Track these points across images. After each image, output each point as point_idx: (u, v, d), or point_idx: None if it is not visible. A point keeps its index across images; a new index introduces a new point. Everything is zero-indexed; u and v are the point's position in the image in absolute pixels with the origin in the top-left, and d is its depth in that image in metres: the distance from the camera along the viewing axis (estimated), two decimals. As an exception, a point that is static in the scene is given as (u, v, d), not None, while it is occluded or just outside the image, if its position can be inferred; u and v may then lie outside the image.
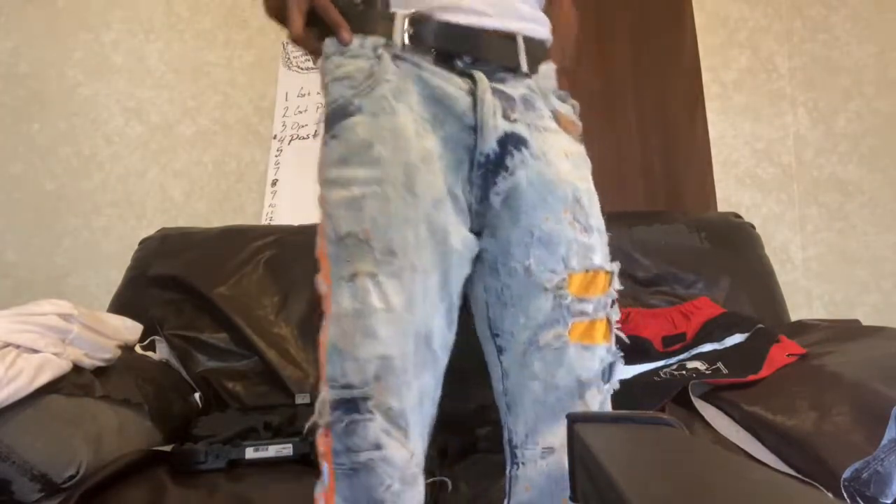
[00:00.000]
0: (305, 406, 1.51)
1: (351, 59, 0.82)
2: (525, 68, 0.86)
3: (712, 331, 1.50)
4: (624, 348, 1.51)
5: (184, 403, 1.48)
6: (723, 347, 1.45)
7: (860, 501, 0.96)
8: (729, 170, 2.22)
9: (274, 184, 2.20)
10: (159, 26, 2.32)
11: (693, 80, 2.17)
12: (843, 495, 0.96)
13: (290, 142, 2.23)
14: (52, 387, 1.08)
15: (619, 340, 0.89)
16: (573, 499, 0.54)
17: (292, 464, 1.23)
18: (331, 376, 0.77)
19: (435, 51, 0.82)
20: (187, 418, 1.42)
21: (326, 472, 0.77)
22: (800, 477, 1.03)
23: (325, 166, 0.81)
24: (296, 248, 1.80)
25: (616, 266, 0.88)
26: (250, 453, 1.24)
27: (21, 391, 1.02)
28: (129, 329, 1.44)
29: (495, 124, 0.81)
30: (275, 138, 2.25)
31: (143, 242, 1.89)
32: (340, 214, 0.79)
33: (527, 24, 0.88)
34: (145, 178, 2.27)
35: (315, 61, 0.86)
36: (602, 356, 0.84)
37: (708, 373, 1.36)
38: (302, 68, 2.30)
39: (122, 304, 1.71)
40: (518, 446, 0.85)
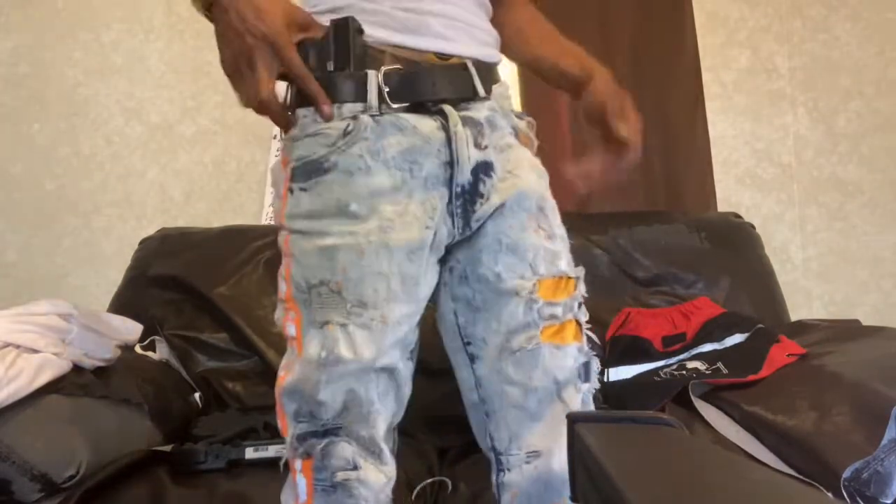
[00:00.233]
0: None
1: (325, 123, 0.81)
2: (482, 93, 0.87)
3: (712, 331, 1.50)
4: (624, 348, 1.52)
5: (184, 403, 1.48)
6: (723, 347, 1.45)
7: (860, 501, 0.96)
8: (729, 170, 2.22)
9: (273, 184, 2.20)
10: (159, 26, 2.32)
11: (693, 80, 2.17)
12: (843, 495, 0.96)
13: (290, 142, 2.23)
14: (52, 387, 1.08)
15: (617, 341, 0.90)
16: (573, 499, 0.54)
17: (292, 464, 1.23)
18: (297, 414, 0.79)
19: (407, 104, 0.82)
20: (187, 418, 1.42)
21: (304, 485, 0.79)
22: (800, 477, 1.03)
23: (294, 217, 0.81)
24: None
25: (581, 271, 0.89)
26: (250, 453, 1.24)
27: (21, 391, 1.02)
28: (129, 329, 1.44)
29: (469, 155, 0.83)
30: (275, 138, 2.24)
31: (143, 242, 1.89)
32: (312, 263, 0.79)
33: (484, 49, 0.90)
34: (145, 178, 2.27)
35: (284, 131, 0.83)
36: (574, 355, 0.86)
37: (708, 373, 1.36)
38: (302, 68, 2.30)
39: (122, 304, 1.71)
40: (502, 453, 0.86)
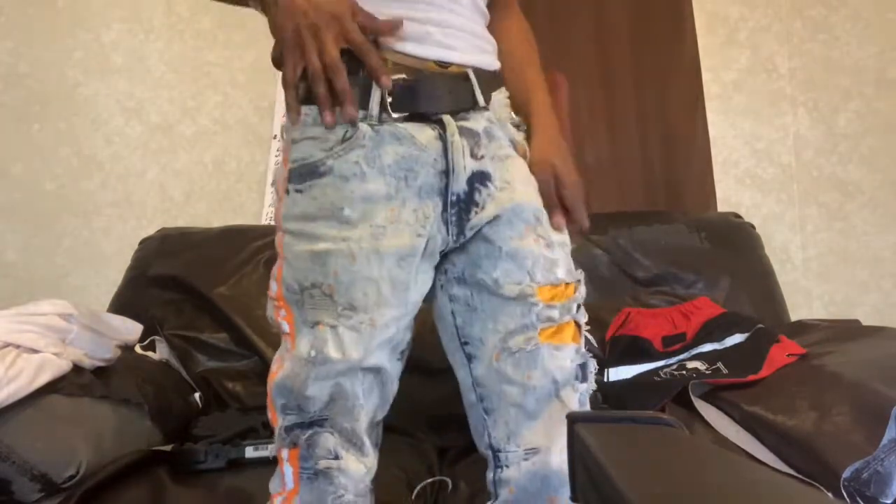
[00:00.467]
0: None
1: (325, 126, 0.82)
2: (482, 103, 0.89)
3: (712, 331, 1.50)
4: (624, 348, 1.52)
5: (184, 403, 1.48)
6: (723, 347, 1.45)
7: (860, 501, 0.96)
8: (729, 170, 2.22)
9: (274, 184, 2.20)
10: (159, 26, 2.32)
11: (693, 80, 2.17)
12: (843, 495, 0.96)
13: (290, 142, 2.23)
14: (52, 387, 1.08)
15: (617, 341, 0.91)
16: (573, 498, 0.54)
17: (292, 464, 1.23)
18: (286, 407, 0.82)
19: (407, 114, 0.83)
20: (187, 418, 1.42)
21: (291, 473, 0.82)
22: (800, 477, 1.03)
23: (289, 218, 0.83)
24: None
25: (580, 275, 0.90)
26: (250, 453, 1.24)
27: (21, 391, 1.02)
28: (129, 329, 1.44)
29: (464, 164, 0.84)
30: (275, 138, 2.24)
31: (143, 242, 1.89)
32: (304, 266, 0.81)
33: (484, 57, 0.91)
34: (145, 178, 2.27)
35: (294, 118, 0.83)
36: (572, 356, 0.87)
37: (708, 373, 1.36)
38: (302, 68, 2.30)
39: (122, 304, 1.71)
40: (500, 450, 0.87)
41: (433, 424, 1.46)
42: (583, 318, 0.89)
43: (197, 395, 1.57)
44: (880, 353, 1.24)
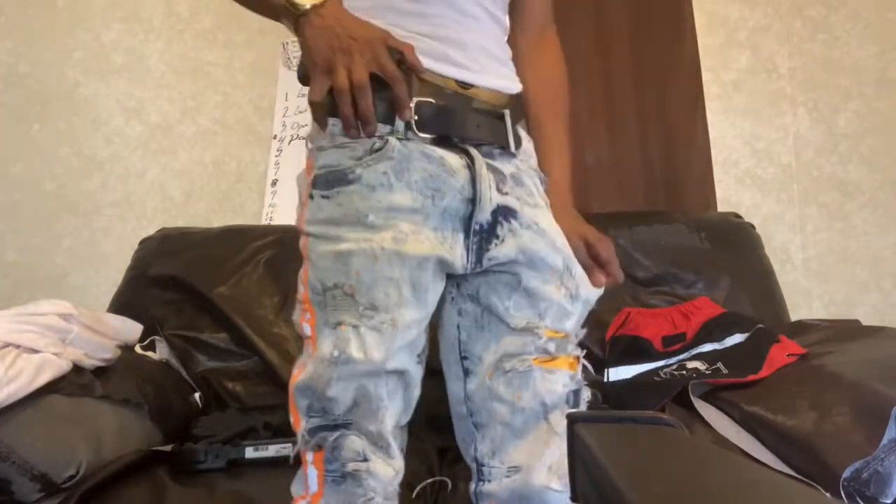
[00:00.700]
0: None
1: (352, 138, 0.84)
2: (512, 148, 0.91)
3: (712, 331, 1.50)
4: (624, 348, 1.52)
5: (184, 403, 1.48)
6: (723, 347, 1.45)
7: (860, 501, 0.96)
8: (729, 170, 2.22)
9: (274, 184, 2.20)
10: (159, 26, 2.32)
11: (693, 80, 2.17)
12: (843, 495, 0.96)
13: (290, 142, 2.23)
14: (52, 387, 1.08)
15: (617, 341, 0.92)
16: (573, 499, 0.54)
17: (292, 463, 1.23)
18: (310, 409, 0.82)
19: (435, 136, 0.85)
20: (187, 418, 1.42)
21: (315, 476, 0.82)
22: (800, 477, 1.03)
23: (313, 221, 0.85)
24: (296, 249, 1.78)
25: (583, 332, 0.93)
26: (250, 453, 1.24)
27: (21, 391, 1.02)
28: (129, 329, 1.44)
29: (490, 196, 0.86)
30: (275, 138, 2.25)
31: (143, 242, 1.89)
32: (327, 266, 0.82)
33: (502, 81, 0.92)
34: (145, 178, 2.27)
35: (322, 126, 0.85)
36: (565, 381, 0.89)
37: (708, 373, 1.36)
38: (302, 68, 2.30)
39: (122, 304, 1.71)
40: (484, 464, 0.89)
41: (433, 424, 1.46)
42: (577, 351, 0.92)
43: (197, 395, 1.57)
44: (880, 353, 1.24)
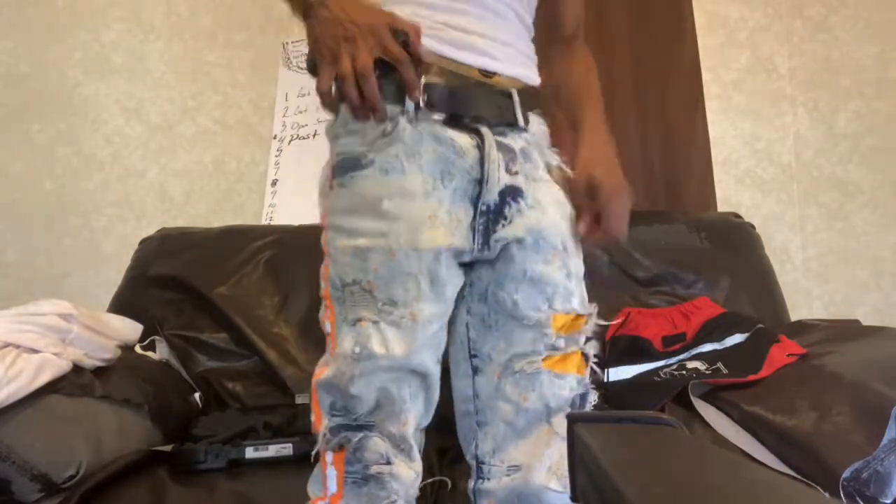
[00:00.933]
0: (305, 406, 1.51)
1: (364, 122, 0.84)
2: (522, 123, 0.90)
3: (712, 331, 1.50)
4: (624, 348, 1.52)
5: (184, 403, 1.48)
6: (723, 347, 1.45)
7: (860, 501, 0.96)
8: (729, 170, 2.22)
9: (274, 184, 2.20)
10: (159, 26, 2.32)
11: (693, 80, 2.17)
12: (843, 495, 0.96)
13: (290, 142, 2.23)
14: (52, 387, 1.08)
15: (617, 341, 0.92)
16: (573, 499, 0.54)
17: (292, 463, 1.24)
18: (332, 407, 0.83)
19: (445, 115, 0.85)
20: (187, 418, 1.42)
21: (334, 477, 0.82)
22: (800, 477, 1.03)
23: (332, 212, 0.85)
24: (296, 248, 1.80)
25: (594, 308, 0.92)
26: (250, 453, 1.24)
27: (21, 391, 1.02)
28: (129, 329, 1.44)
29: (499, 177, 0.86)
30: (275, 138, 2.25)
31: (143, 242, 1.89)
32: (346, 262, 0.83)
33: (524, 70, 0.93)
34: (145, 178, 2.27)
35: (335, 112, 0.86)
36: (573, 386, 0.89)
37: (708, 373, 1.36)
38: (302, 68, 2.30)
39: (122, 304, 1.71)
40: (484, 462, 0.90)
41: (433, 424, 1.46)
42: (591, 350, 0.91)
43: (197, 395, 1.57)
44: (880, 353, 1.24)
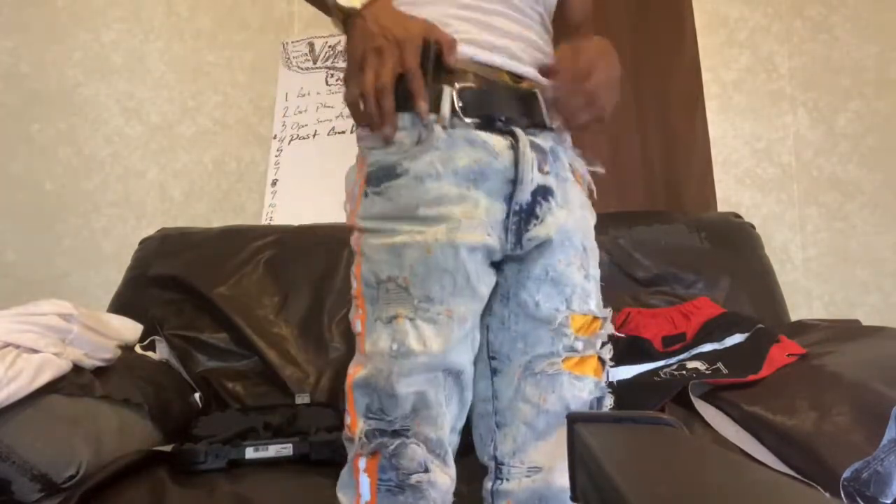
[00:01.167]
0: (305, 406, 1.51)
1: (401, 129, 0.84)
2: (549, 123, 0.91)
3: (712, 331, 1.50)
4: (624, 348, 1.52)
5: (184, 403, 1.48)
6: (723, 347, 1.45)
7: (860, 501, 0.96)
8: (729, 170, 2.22)
9: (274, 184, 2.20)
10: (159, 26, 2.32)
11: (693, 80, 2.17)
12: (843, 495, 0.96)
13: (290, 142, 2.23)
14: (52, 387, 1.08)
15: (616, 341, 0.92)
16: (573, 499, 0.54)
17: (292, 464, 1.23)
18: (368, 409, 0.82)
19: (479, 120, 0.85)
20: (187, 418, 1.42)
21: (367, 484, 0.81)
22: (800, 477, 1.03)
23: (366, 217, 0.85)
24: (296, 248, 1.80)
25: (608, 312, 0.92)
26: (250, 453, 1.24)
27: (21, 391, 1.02)
28: (129, 329, 1.44)
29: (532, 177, 0.86)
30: (275, 138, 2.25)
31: (143, 242, 1.89)
32: (381, 259, 0.83)
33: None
34: (145, 178, 2.27)
35: (359, 123, 0.86)
36: (591, 389, 0.89)
37: (708, 373, 1.36)
38: (302, 68, 2.30)
39: (122, 304, 1.71)
40: (504, 463, 0.89)
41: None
42: (607, 354, 0.91)
43: (197, 395, 1.57)
44: (880, 353, 1.24)
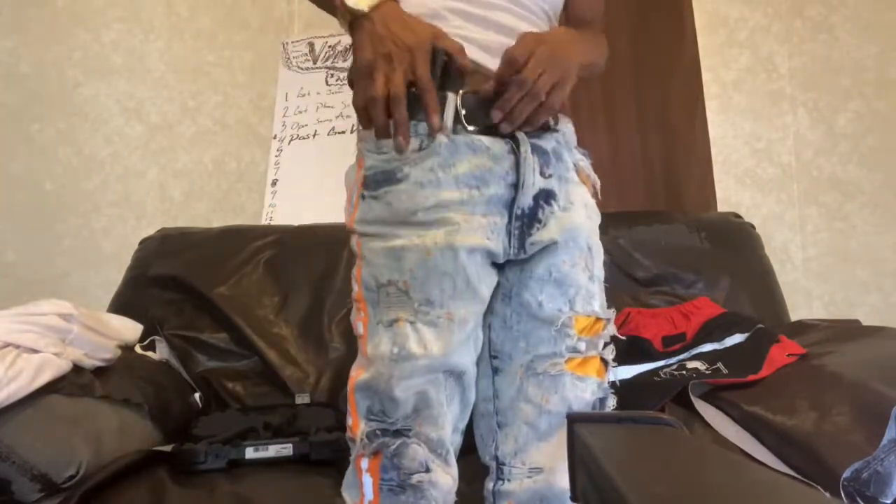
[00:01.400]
0: (305, 406, 1.51)
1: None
2: (553, 124, 0.91)
3: (712, 331, 1.50)
4: (624, 348, 1.52)
5: (184, 403, 1.48)
6: (723, 347, 1.45)
7: (860, 501, 0.96)
8: (729, 170, 2.22)
9: (274, 184, 2.20)
10: (159, 26, 2.32)
11: (693, 80, 2.17)
12: (843, 495, 0.96)
13: (290, 142, 2.23)
14: (52, 387, 1.08)
15: (616, 342, 0.92)
16: (573, 498, 0.54)
17: (292, 464, 1.23)
18: (370, 411, 0.82)
19: (481, 126, 0.85)
20: (187, 418, 1.42)
21: (370, 484, 0.82)
22: (800, 477, 1.03)
23: (364, 222, 0.85)
24: (296, 248, 1.80)
25: (612, 313, 0.92)
26: (250, 453, 1.24)
27: (21, 391, 1.02)
28: (129, 329, 1.44)
29: (533, 181, 0.86)
30: (275, 138, 2.25)
31: (143, 242, 1.89)
32: (381, 262, 0.83)
33: None
34: (145, 178, 2.27)
35: (368, 127, 0.85)
36: (593, 389, 0.89)
37: (708, 373, 1.36)
38: (302, 68, 2.30)
39: (122, 304, 1.71)
40: (505, 463, 0.89)
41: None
42: (609, 355, 0.91)
43: (197, 395, 1.57)
44: (880, 353, 1.24)
